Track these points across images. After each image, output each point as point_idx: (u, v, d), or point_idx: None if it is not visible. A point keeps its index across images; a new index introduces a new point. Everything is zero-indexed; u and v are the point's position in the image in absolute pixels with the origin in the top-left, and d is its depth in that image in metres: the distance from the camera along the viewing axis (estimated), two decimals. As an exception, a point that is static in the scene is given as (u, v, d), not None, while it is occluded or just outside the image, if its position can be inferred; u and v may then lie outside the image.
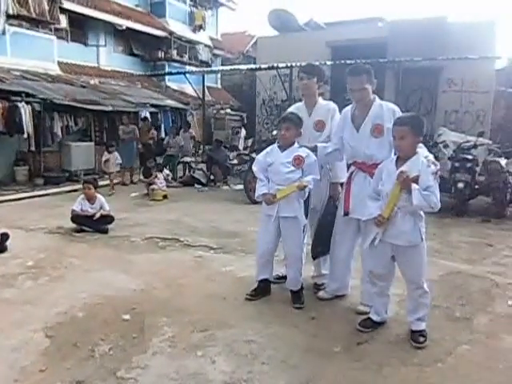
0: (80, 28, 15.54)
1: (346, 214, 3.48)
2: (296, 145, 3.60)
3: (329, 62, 10.59)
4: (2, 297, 3.76)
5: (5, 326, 3.21)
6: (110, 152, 9.67)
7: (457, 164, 7.84)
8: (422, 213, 3.00)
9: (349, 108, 3.53)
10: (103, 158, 9.80)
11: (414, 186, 2.81)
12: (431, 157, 2.98)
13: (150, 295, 3.83)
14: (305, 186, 3.44)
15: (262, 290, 3.82)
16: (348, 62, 9.10)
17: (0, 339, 3.00)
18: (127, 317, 3.36)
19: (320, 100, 3.93)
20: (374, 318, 3.25)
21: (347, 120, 3.48)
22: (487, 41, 10.83)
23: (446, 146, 8.81)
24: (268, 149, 3.73)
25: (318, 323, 3.35)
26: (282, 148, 3.60)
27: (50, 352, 2.86)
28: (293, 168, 3.49)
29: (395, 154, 3.11)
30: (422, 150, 3.00)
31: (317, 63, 10.35)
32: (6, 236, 5.10)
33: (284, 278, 3.98)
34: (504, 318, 3.59)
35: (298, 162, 3.50)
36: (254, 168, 3.72)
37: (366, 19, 14.07)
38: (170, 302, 3.67)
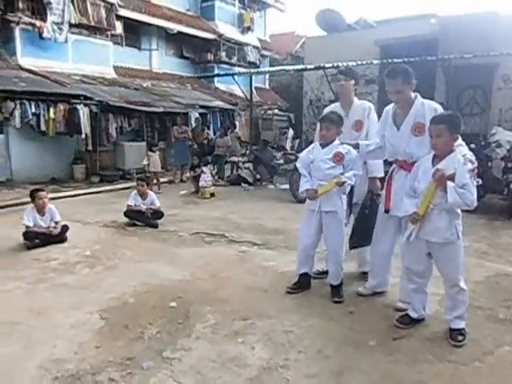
0: (134, 33, 16.25)
1: (387, 211, 3.53)
2: (337, 142, 3.70)
3: (375, 61, 10.49)
4: (63, 281, 4.13)
5: (64, 306, 3.55)
6: (153, 151, 10.01)
7: (510, 164, 7.58)
8: (458, 211, 3.00)
9: (390, 107, 3.57)
10: (144, 161, 9.91)
11: (449, 183, 2.83)
12: (469, 155, 2.97)
13: (195, 285, 4.05)
14: (343, 182, 3.53)
15: (303, 283, 3.93)
16: (395, 60, 8.98)
17: (60, 318, 3.33)
18: (173, 304, 3.59)
19: (356, 100, 4.09)
20: (412, 314, 3.28)
21: (388, 119, 3.52)
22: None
23: (499, 146, 8.49)
24: (310, 146, 3.88)
25: (356, 317, 3.42)
26: (323, 145, 3.72)
27: (104, 332, 3.13)
28: (333, 164, 3.61)
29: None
30: (461, 148, 3.00)
31: (364, 62, 10.35)
32: (66, 228, 5.53)
33: (325, 273, 4.07)
34: (552, 321, 3.50)
35: (338, 158, 3.60)
36: (298, 164, 3.89)
37: (417, 16, 13.74)
38: (214, 293, 3.87)
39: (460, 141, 3.03)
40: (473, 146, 8.53)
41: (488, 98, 11.31)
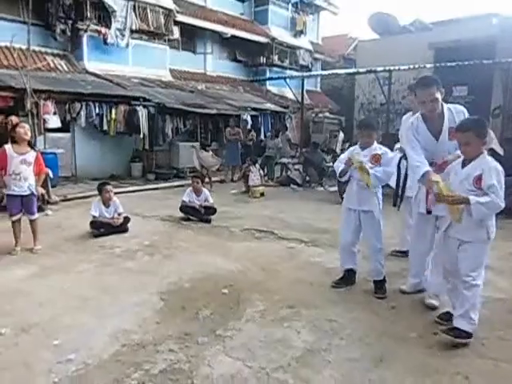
0: (190, 38, 16.89)
1: (429, 212, 3.63)
2: (374, 145, 3.94)
3: (428, 65, 10.39)
4: (126, 266, 4.57)
5: (129, 287, 3.97)
6: (206, 151, 10.64)
7: None
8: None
9: (412, 118, 3.69)
10: (196, 156, 10.64)
11: (471, 198, 2.87)
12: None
13: (245, 276, 4.34)
14: (361, 163, 3.76)
15: (347, 279, 4.12)
16: (449, 64, 8.89)
17: (125, 297, 3.74)
18: (226, 291, 3.90)
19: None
20: (452, 311, 3.36)
21: (421, 130, 3.57)
22: None
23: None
24: (351, 148, 4.16)
25: (397, 312, 3.56)
26: (362, 148, 3.99)
27: (164, 311, 3.49)
28: (371, 165, 3.83)
29: None
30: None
31: (416, 66, 10.27)
32: (128, 219, 6.01)
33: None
34: None
35: (376, 159, 3.85)
36: (337, 163, 4.10)
37: (478, 16, 13.34)
38: (263, 283, 4.14)
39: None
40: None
41: (550, 102, 10.86)
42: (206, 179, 10.23)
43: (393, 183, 4.11)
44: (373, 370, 2.74)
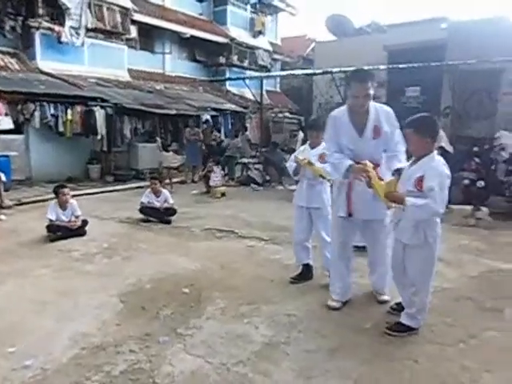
0: (148, 37, 16.70)
1: (350, 215, 3.56)
2: (322, 144, 4.08)
3: (382, 67, 10.75)
4: (85, 269, 4.52)
5: (88, 290, 3.94)
6: (167, 151, 10.66)
7: (511, 167, 7.79)
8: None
9: (338, 114, 3.57)
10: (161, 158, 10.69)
11: (407, 199, 2.86)
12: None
13: (206, 275, 4.39)
14: (304, 160, 3.98)
15: (305, 274, 4.27)
16: (401, 65, 9.24)
17: (85, 299, 3.71)
18: (186, 290, 3.94)
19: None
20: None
21: (344, 123, 3.47)
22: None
23: (502, 149, 8.72)
24: (301, 148, 4.39)
25: (354, 305, 3.72)
26: (312, 147, 4.20)
27: (124, 312, 3.50)
28: (319, 164, 4.01)
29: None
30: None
31: (371, 67, 10.61)
32: (85, 222, 5.92)
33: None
34: (538, 311, 3.74)
35: (323, 158, 4.00)
36: (289, 163, 4.27)
37: (428, 20, 13.91)
38: (224, 281, 4.20)
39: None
40: (476, 148, 8.81)
41: (494, 103, 11.48)
42: (167, 180, 10.18)
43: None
44: (329, 360, 2.86)
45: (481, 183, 7.96)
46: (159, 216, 6.69)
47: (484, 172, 8.27)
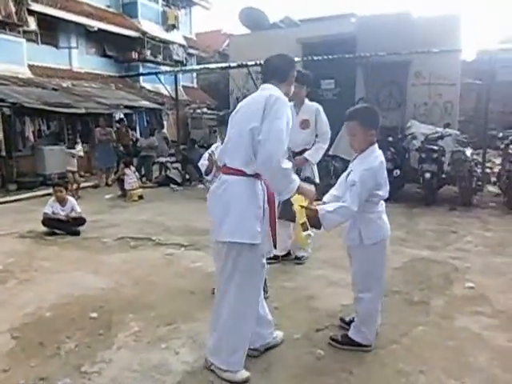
0: (51, 30, 15.38)
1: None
2: None
3: (297, 59, 10.73)
4: (-32, 301, 3.79)
5: (-30, 329, 3.25)
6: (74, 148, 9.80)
7: (423, 155, 8.06)
8: (367, 216, 2.76)
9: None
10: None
11: (319, 208, 2.65)
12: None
13: (118, 293, 3.90)
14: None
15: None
16: (315, 57, 9.24)
17: (-36, 342, 3.05)
18: (94, 315, 3.43)
19: (306, 101, 4.46)
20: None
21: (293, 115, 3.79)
22: (453, 34, 11.06)
23: (414, 138, 9.04)
24: (214, 145, 3.98)
25: (281, 313, 3.46)
26: None
27: (15, 352, 2.92)
28: None
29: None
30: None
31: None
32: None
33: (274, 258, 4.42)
34: (460, 299, 3.78)
35: None
36: (201, 161, 3.88)
37: (338, 15, 14.22)
38: (138, 299, 3.75)
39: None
40: (390, 138, 9.06)
41: (403, 94, 11.95)
42: (75, 185, 9.35)
43: None
44: (259, 381, 2.58)
45: (397, 172, 8.16)
46: (66, 227, 6.00)
47: (399, 161, 8.50)
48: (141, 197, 8.94)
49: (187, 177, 10.87)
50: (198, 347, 2.93)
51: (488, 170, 10.17)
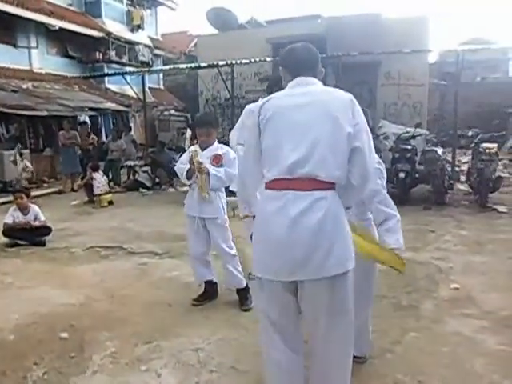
0: (8, 28, 14.61)
1: None
2: (215, 144, 3.60)
3: (268, 59, 10.62)
4: None
5: None
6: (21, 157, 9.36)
7: (397, 155, 8.08)
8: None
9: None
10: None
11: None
12: None
13: (90, 309, 3.60)
14: (201, 168, 3.39)
15: (209, 293, 3.72)
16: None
17: None
18: (65, 335, 3.13)
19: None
20: None
21: None
22: (421, 36, 11.22)
23: (386, 138, 9.06)
24: (191, 148, 3.71)
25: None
26: (203, 148, 3.59)
27: (-26, 384, 2.60)
28: (211, 166, 3.47)
29: None
30: None
31: (258, 60, 10.42)
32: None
33: None
34: (448, 301, 3.71)
35: (217, 160, 3.50)
36: (178, 165, 3.65)
37: (304, 16, 14.24)
38: (112, 315, 3.47)
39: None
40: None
41: (374, 94, 12.05)
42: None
43: (234, 187, 3.58)
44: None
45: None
46: (29, 237, 5.59)
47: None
48: (111, 202, 8.56)
49: (157, 180, 10.52)
50: (181, 367, 2.70)
51: (456, 169, 10.34)
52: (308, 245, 1.85)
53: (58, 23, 15.54)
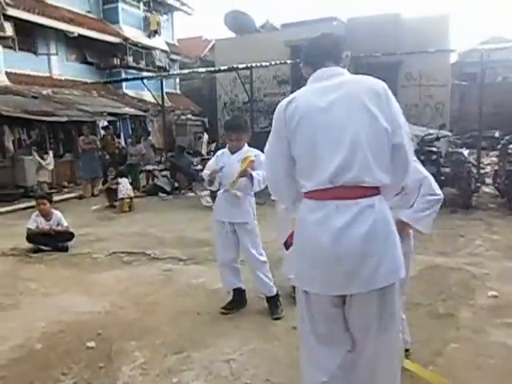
0: (29, 36, 14.83)
1: None
2: (246, 147, 3.49)
3: (289, 61, 10.53)
4: None
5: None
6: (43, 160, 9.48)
7: (422, 157, 7.84)
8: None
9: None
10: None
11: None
12: None
13: (116, 317, 3.52)
14: (252, 161, 3.29)
15: (237, 301, 3.60)
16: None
17: None
18: (92, 344, 3.04)
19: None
20: None
21: None
22: (442, 35, 11.04)
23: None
24: (219, 152, 3.63)
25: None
26: (233, 151, 3.48)
27: (2, 395, 2.53)
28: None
29: None
30: None
31: (278, 62, 10.32)
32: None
33: None
34: (486, 310, 3.53)
35: (250, 164, 3.35)
36: (205, 171, 3.55)
37: (319, 19, 14.12)
38: (140, 323, 3.38)
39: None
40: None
41: (394, 95, 11.85)
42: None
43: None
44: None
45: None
46: (52, 243, 5.56)
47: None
48: (130, 207, 8.53)
49: (176, 185, 10.47)
50: (214, 379, 2.59)
51: (481, 171, 10.08)
52: (356, 257, 1.69)
53: (76, 30, 15.71)
